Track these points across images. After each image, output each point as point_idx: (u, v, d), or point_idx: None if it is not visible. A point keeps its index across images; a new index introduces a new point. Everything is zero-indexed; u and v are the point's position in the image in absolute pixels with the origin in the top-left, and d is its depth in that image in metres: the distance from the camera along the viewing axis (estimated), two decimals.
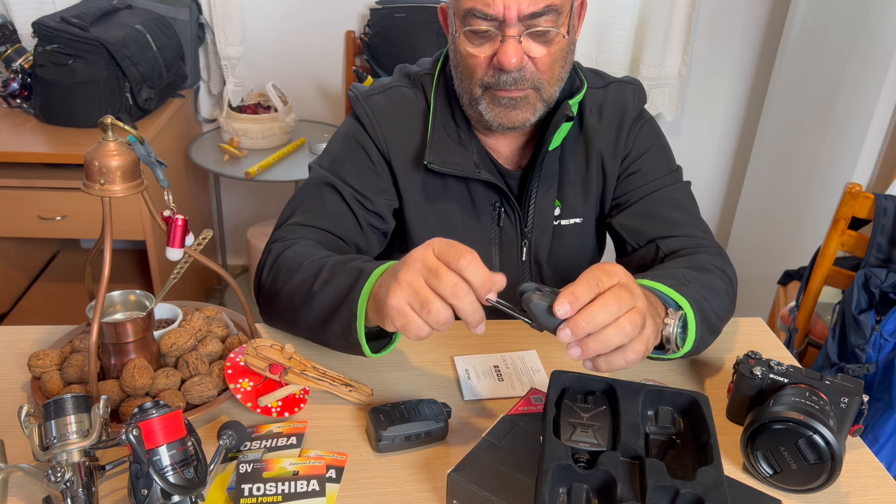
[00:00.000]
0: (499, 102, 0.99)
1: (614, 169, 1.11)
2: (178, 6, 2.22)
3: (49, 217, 1.89)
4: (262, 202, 2.70)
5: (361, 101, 1.09)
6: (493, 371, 0.95)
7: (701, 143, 2.66)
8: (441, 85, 1.09)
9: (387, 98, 1.10)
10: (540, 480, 0.64)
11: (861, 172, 1.93)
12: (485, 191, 1.10)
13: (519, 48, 0.94)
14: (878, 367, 1.42)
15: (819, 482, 0.75)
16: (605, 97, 1.11)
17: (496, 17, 0.92)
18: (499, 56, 0.94)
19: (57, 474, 0.66)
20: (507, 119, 1.00)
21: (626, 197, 1.11)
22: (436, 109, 1.08)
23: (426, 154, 1.05)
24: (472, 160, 1.07)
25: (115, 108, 1.96)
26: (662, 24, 2.35)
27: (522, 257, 1.14)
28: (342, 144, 1.10)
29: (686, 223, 1.08)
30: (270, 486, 0.72)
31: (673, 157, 1.15)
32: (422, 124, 1.09)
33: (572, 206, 1.13)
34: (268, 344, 0.87)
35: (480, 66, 0.97)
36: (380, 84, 1.12)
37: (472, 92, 1.01)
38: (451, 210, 1.10)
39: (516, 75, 0.96)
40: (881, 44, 1.83)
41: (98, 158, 0.77)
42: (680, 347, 0.82)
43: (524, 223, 1.12)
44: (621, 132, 1.10)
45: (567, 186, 1.12)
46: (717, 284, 0.95)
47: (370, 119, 1.08)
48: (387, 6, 2.30)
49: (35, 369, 0.86)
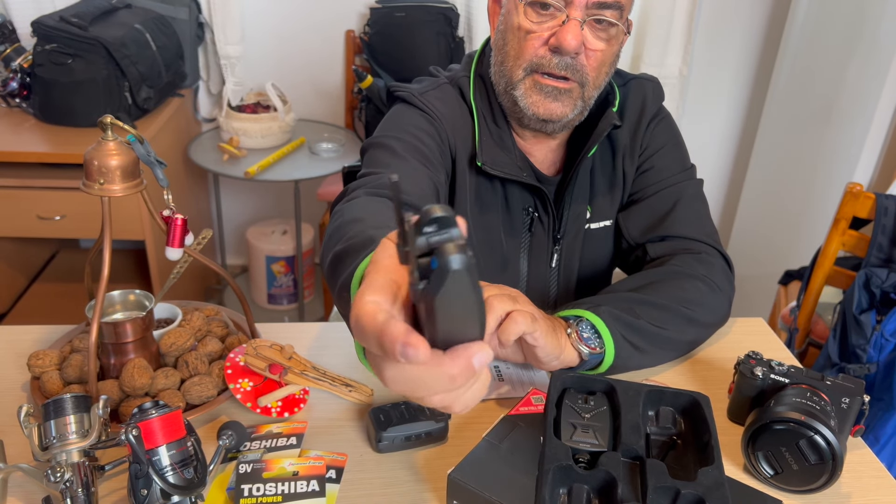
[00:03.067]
0: (541, 90, 0.96)
1: (632, 166, 1.10)
2: (178, 5, 2.22)
3: (48, 217, 1.89)
4: (262, 202, 2.70)
5: (418, 98, 1.04)
6: (493, 371, 0.95)
7: (701, 143, 2.66)
8: (478, 86, 1.06)
9: (442, 93, 1.06)
10: (540, 481, 0.64)
11: (862, 172, 1.93)
12: (522, 195, 1.07)
13: (580, 32, 0.92)
14: (879, 368, 1.42)
15: (820, 483, 0.75)
16: (626, 95, 1.09)
17: None
18: (559, 35, 0.92)
19: (56, 474, 0.66)
20: (544, 109, 0.97)
21: (639, 194, 1.11)
22: (479, 111, 1.05)
23: (479, 155, 1.02)
24: (516, 163, 1.04)
25: (115, 107, 1.96)
26: (663, 23, 2.35)
27: (552, 263, 1.12)
28: (410, 125, 1.02)
29: (688, 225, 1.07)
30: (270, 487, 0.72)
31: (687, 155, 1.14)
32: (470, 125, 1.05)
33: (602, 209, 1.11)
34: (267, 344, 0.87)
35: (534, 44, 0.94)
36: (430, 82, 1.08)
37: (512, 75, 0.98)
38: (492, 213, 1.08)
39: (569, 60, 0.94)
40: (881, 44, 1.83)
41: (97, 158, 0.77)
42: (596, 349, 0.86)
43: (557, 229, 1.09)
44: (639, 129, 1.09)
45: (598, 190, 1.10)
46: (674, 294, 0.95)
47: (433, 113, 1.03)
48: (387, 5, 2.29)
49: (34, 369, 0.86)
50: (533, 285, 1.13)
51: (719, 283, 1.00)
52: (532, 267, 1.11)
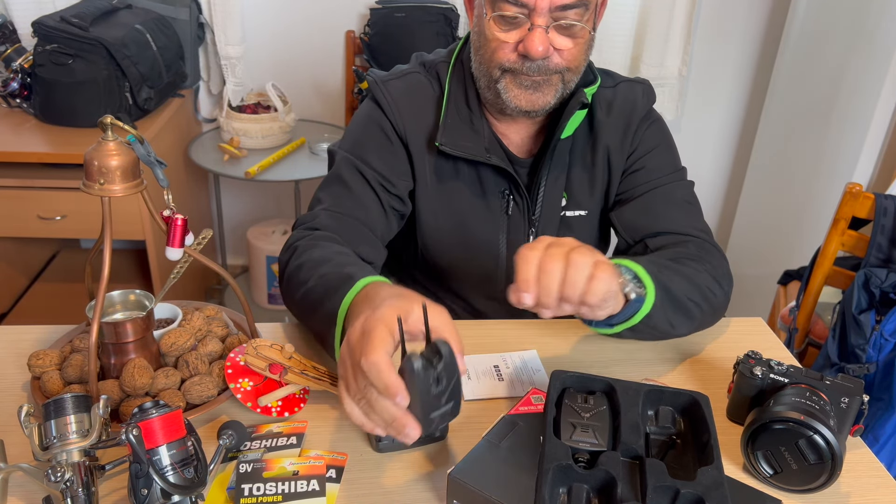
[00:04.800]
0: (520, 84, 1.00)
1: (620, 164, 1.12)
2: (178, 6, 2.22)
3: (49, 217, 1.89)
4: (262, 202, 2.70)
5: (380, 85, 1.10)
6: (493, 371, 0.95)
7: (701, 142, 2.66)
8: (456, 71, 1.11)
9: (404, 83, 1.11)
10: (540, 480, 0.64)
11: (861, 172, 1.93)
12: (495, 177, 1.11)
13: (545, 38, 0.95)
14: (879, 367, 1.42)
15: (819, 482, 0.75)
16: (616, 95, 1.12)
17: (527, 5, 0.94)
18: (525, 43, 0.96)
19: (57, 474, 0.66)
20: (526, 101, 1.01)
21: (629, 193, 1.12)
22: (450, 94, 1.09)
23: (438, 136, 1.06)
24: (482, 145, 1.08)
25: (115, 107, 1.96)
26: (662, 24, 2.35)
27: None
28: (363, 127, 1.11)
29: (682, 221, 1.08)
30: (270, 486, 0.72)
31: (679, 157, 1.16)
32: (435, 110, 1.10)
33: (578, 198, 1.14)
34: (268, 344, 0.87)
35: (505, 50, 0.98)
36: (398, 70, 1.14)
37: (490, 74, 1.02)
38: (460, 195, 1.12)
39: (540, 63, 0.98)
40: (881, 43, 1.83)
41: (98, 158, 0.77)
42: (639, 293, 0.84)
43: (532, 211, 1.12)
44: (629, 129, 1.11)
45: (574, 178, 1.13)
46: (689, 271, 0.96)
47: (388, 102, 1.09)
48: (387, 6, 2.30)
49: (35, 369, 0.86)
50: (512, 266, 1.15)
51: (720, 269, 1.02)
52: (510, 248, 1.14)
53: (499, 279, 1.17)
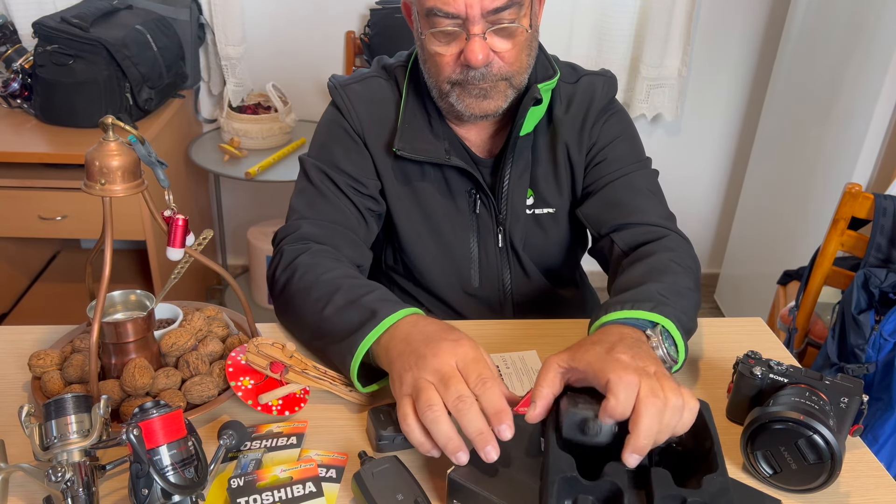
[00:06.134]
0: (470, 93, 1.01)
1: (580, 160, 1.12)
2: (179, 6, 2.22)
3: (49, 217, 1.90)
4: (263, 202, 2.70)
5: (339, 90, 1.11)
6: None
7: (701, 143, 2.66)
8: (414, 74, 1.11)
9: (364, 86, 1.12)
10: (545, 493, 0.63)
11: (861, 172, 1.93)
12: (459, 178, 1.12)
13: (485, 45, 0.95)
14: (878, 367, 1.42)
15: (819, 482, 0.75)
16: (576, 90, 1.12)
17: (459, 16, 0.94)
18: (465, 55, 0.96)
19: (57, 474, 0.66)
20: (478, 108, 1.02)
21: (593, 186, 1.13)
22: (407, 98, 1.10)
23: (396, 141, 1.07)
24: (442, 147, 1.08)
25: (116, 108, 1.96)
26: (662, 24, 2.36)
27: (499, 244, 1.16)
28: (326, 132, 1.12)
29: (646, 209, 1.08)
30: (267, 496, 0.71)
31: (642, 148, 1.16)
32: (394, 113, 1.11)
33: (544, 196, 1.14)
34: (269, 342, 0.87)
35: (448, 64, 0.99)
36: (358, 74, 1.15)
37: (440, 87, 1.03)
38: (429, 196, 1.12)
39: (484, 71, 0.98)
40: (881, 44, 1.83)
41: (99, 158, 0.77)
42: (676, 361, 0.83)
43: (498, 210, 1.13)
44: (586, 123, 1.11)
45: (539, 176, 1.13)
46: (684, 284, 0.94)
47: (347, 106, 1.10)
48: (387, 6, 2.30)
49: (35, 369, 0.86)
50: (484, 266, 1.18)
51: (696, 268, 1.02)
52: (482, 248, 1.16)
53: (472, 277, 1.18)
